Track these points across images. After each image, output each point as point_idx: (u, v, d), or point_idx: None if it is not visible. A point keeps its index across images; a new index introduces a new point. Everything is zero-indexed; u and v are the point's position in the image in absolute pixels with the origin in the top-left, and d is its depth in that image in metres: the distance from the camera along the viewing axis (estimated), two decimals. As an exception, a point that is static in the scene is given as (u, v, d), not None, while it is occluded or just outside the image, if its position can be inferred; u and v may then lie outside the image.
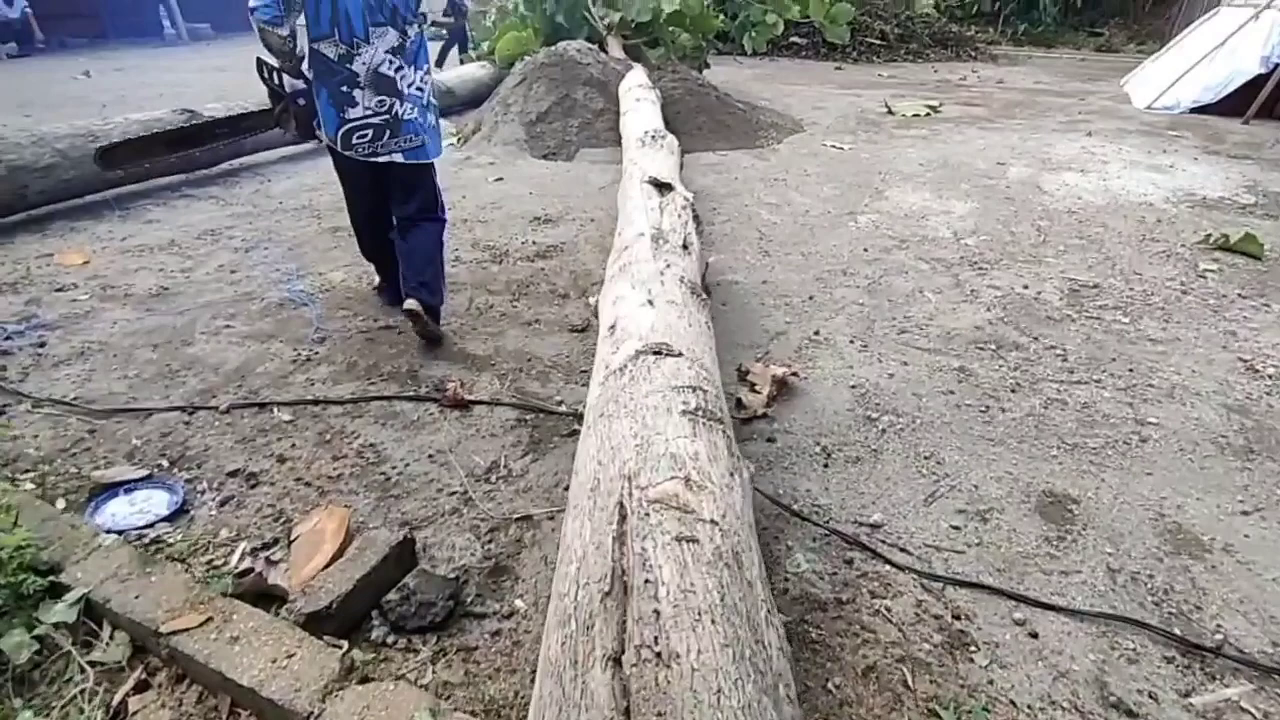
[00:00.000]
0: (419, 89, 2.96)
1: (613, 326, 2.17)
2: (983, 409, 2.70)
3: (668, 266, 2.53)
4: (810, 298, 3.60)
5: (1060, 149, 6.70)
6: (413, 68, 2.91)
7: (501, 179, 5.57)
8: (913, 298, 3.61)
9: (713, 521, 1.31)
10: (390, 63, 2.84)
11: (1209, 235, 4.37)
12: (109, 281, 3.71)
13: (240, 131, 4.76)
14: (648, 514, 1.30)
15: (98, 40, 14.57)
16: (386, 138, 2.91)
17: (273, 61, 2.90)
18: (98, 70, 11.15)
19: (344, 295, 3.59)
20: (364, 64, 2.80)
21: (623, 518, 1.32)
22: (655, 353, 1.89)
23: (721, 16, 12.38)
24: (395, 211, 3.13)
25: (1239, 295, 3.67)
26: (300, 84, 2.94)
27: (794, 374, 2.83)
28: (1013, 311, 3.46)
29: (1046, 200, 5.17)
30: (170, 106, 5.39)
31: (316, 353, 3.05)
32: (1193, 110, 8.49)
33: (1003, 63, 13.88)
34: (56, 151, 4.46)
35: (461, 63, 9.70)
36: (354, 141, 2.90)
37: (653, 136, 4.57)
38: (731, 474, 1.52)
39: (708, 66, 9.31)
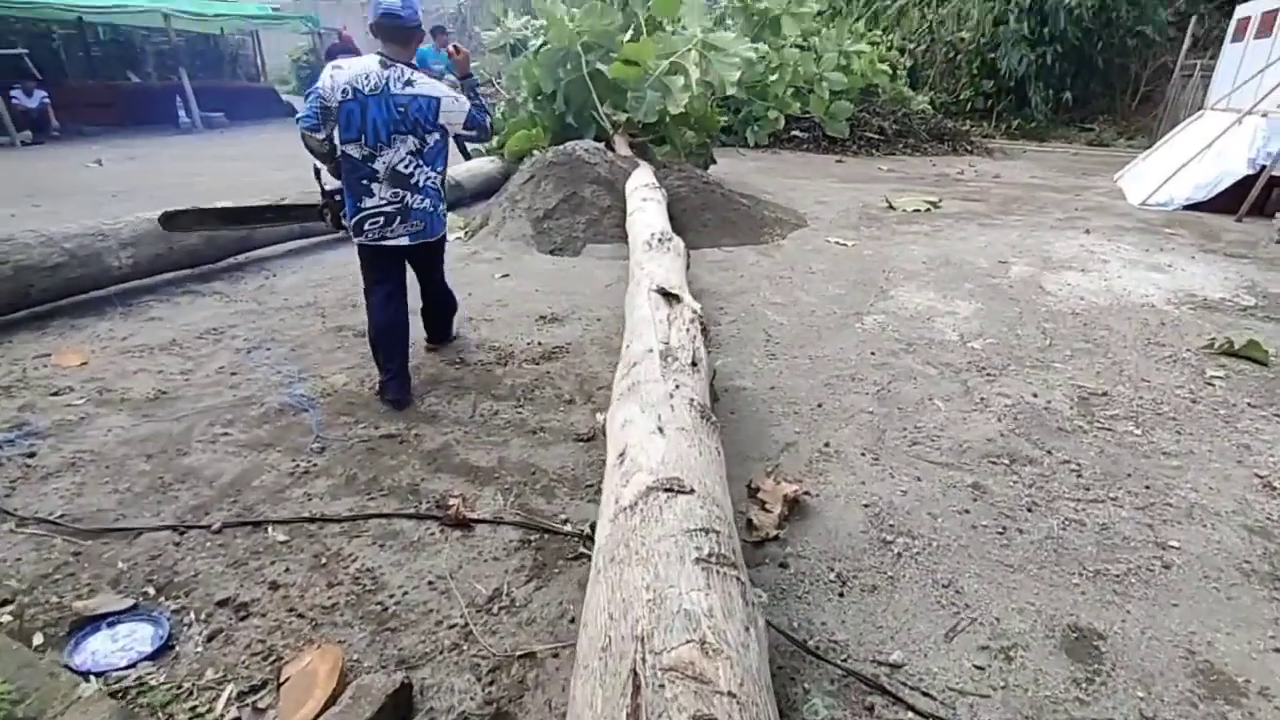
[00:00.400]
0: (432, 184, 3.45)
1: (622, 454, 2.13)
2: (999, 530, 2.63)
3: (677, 388, 2.51)
4: (819, 405, 3.57)
5: (1060, 247, 6.80)
6: (430, 166, 3.40)
7: (508, 275, 5.62)
8: (922, 406, 3.58)
9: (730, 694, 1.25)
10: (408, 163, 3.34)
11: (1213, 340, 4.38)
12: (106, 384, 3.65)
13: (289, 219, 4.86)
14: (663, 685, 1.24)
15: (114, 128, 14.93)
16: (396, 224, 3.39)
17: (319, 163, 3.44)
18: (110, 158, 11.34)
19: (346, 400, 3.53)
20: (384, 163, 3.29)
21: (637, 689, 1.25)
22: (667, 489, 1.85)
23: (725, 112, 12.86)
24: (421, 283, 3.82)
25: (1248, 405, 3.64)
26: (338, 183, 3.44)
27: (806, 492, 2.77)
28: (1024, 422, 3.42)
29: (1050, 301, 5.21)
30: (181, 194, 5.47)
31: (315, 464, 2.97)
32: (1186, 207, 8.69)
33: (998, 156, 14.29)
34: (65, 251, 4.48)
35: (467, 156, 10.02)
36: (365, 227, 3.37)
37: (659, 239, 4.63)
38: (747, 628, 1.46)
39: (713, 162, 9.54)
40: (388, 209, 3.33)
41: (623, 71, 7.89)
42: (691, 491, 1.85)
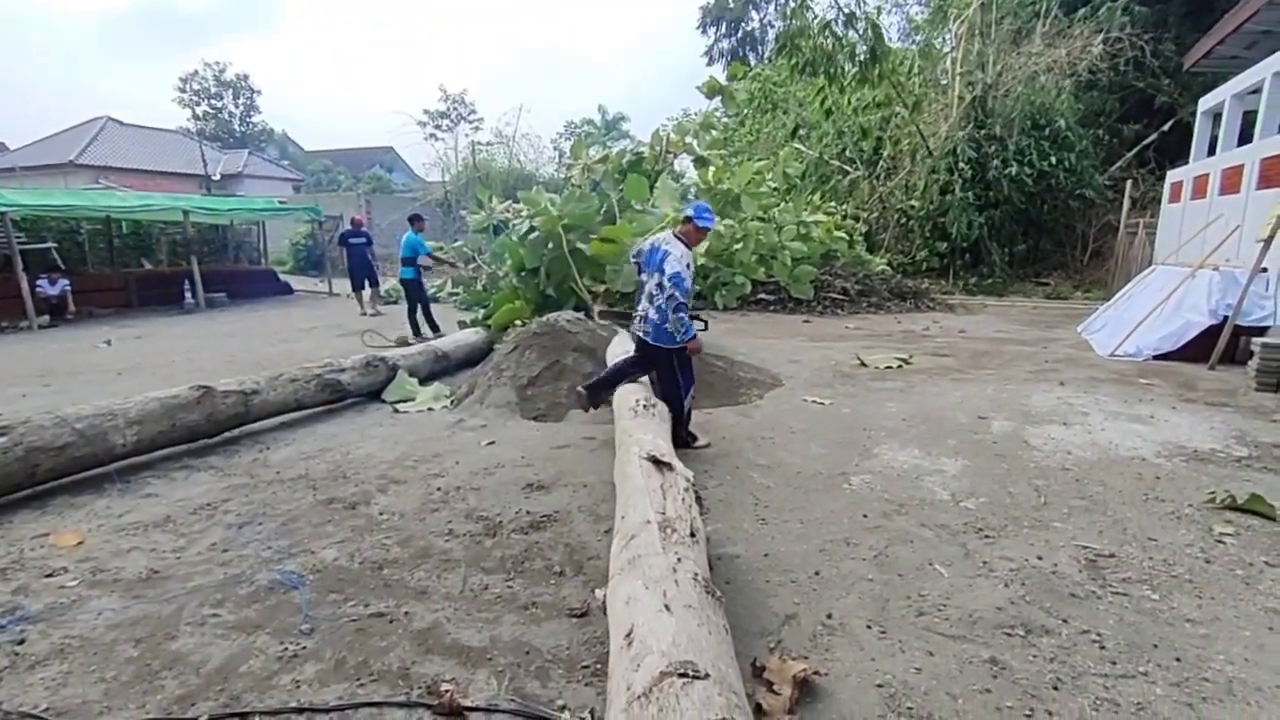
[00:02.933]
0: (659, 308, 5.13)
1: (629, 636, 2.00)
2: (1027, 713, 2.44)
3: (679, 561, 2.42)
4: (816, 573, 3.42)
5: (1037, 400, 6.92)
6: (660, 294, 5.11)
7: (494, 442, 5.63)
8: (924, 572, 3.44)
9: None
10: (654, 291, 5.19)
11: (1214, 494, 4.36)
12: (100, 564, 3.62)
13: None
14: None
15: (124, 309, 15.73)
16: (640, 321, 5.32)
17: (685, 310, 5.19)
18: (119, 338, 11.77)
19: (335, 576, 3.47)
20: (647, 288, 5.28)
21: None
22: (681, 675, 1.74)
23: (695, 276, 13.45)
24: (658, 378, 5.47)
25: (1266, 564, 3.56)
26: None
27: (815, 672, 2.58)
28: (1033, 588, 3.29)
29: (1037, 456, 5.21)
30: (182, 370, 5.61)
31: (304, 647, 2.86)
32: (1155, 357, 9.00)
33: (960, 312, 14.89)
34: (75, 431, 4.59)
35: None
36: (635, 323, 5.46)
37: (644, 405, 4.66)
38: None
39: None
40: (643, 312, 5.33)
41: (601, 249, 8.43)
42: (707, 676, 1.74)
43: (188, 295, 16.54)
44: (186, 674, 2.70)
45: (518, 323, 8.42)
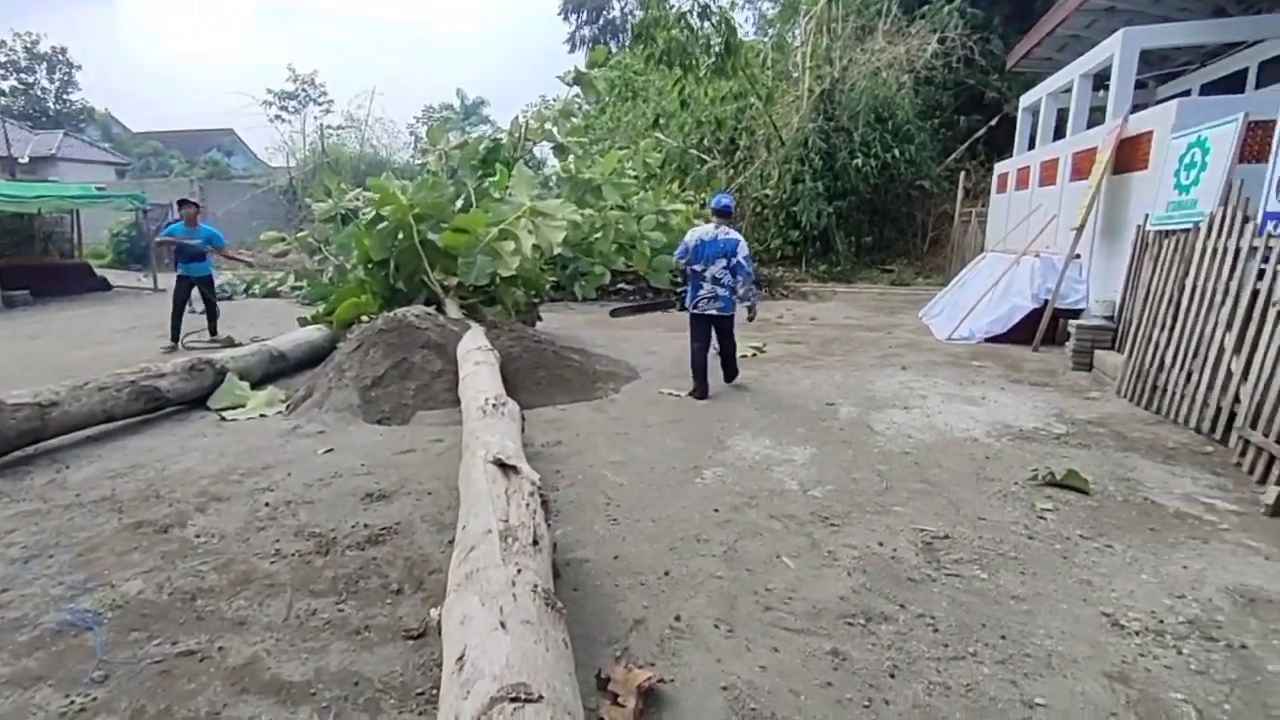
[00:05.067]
0: (728, 285, 6.75)
1: (461, 659, 1.89)
2: (865, 704, 2.50)
3: (519, 572, 2.31)
4: (666, 573, 3.40)
5: (881, 385, 7.27)
6: (729, 274, 6.73)
7: (332, 450, 5.26)
8: (771, 565, 3.50)
9: None
10: (720, 274, 6.73)
11: (1036, 471, 4.70)
12: None
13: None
14: None
15: None
16: (710, 301, 6.77)
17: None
18: None
19: (139, 612, 3.09)
20: (710, 274, 6.72)
21: None
22: (514, 699, 1.64)
23: (554, 269, 13.29)
24: (718, 341, 7.05)
25: (1081, 536, 3.86)
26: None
27: (660, 679, 2.54)
28: (874, 575, 3.41)
29: (880, 441, 5.45)
30: None
31: (94, 698, 2.54)
32: (987, 340, 9.69)
33: (812, 299, 15.51)
34: None
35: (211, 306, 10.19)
36: (700, 305, 6.83)
37: (493, 405, 4.48)
38: None
39: (540, 319, 9.72)
40: (707, 294, 6.78)
41: (454, 239, 8.12)
42: (540, 699, 1.66)
43: None
44: (-59, 749, 2.33)
45: (364, 318, 7.97)
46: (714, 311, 6.78)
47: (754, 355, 8.83)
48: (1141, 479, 4.74)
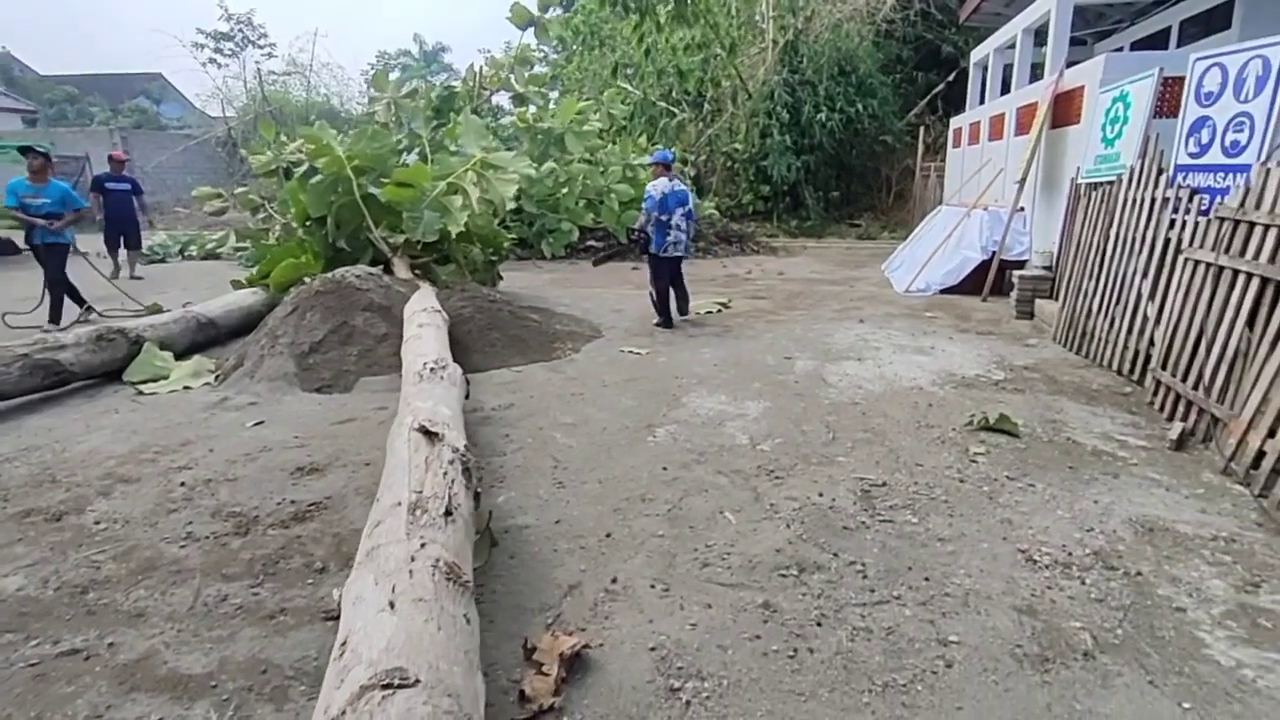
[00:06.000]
0: (686, 230, 7.69)
1: (344, 643, 1.82)
2: (791, 654, 2.51)
3: (422, 546, 2.25)
4: (608, 535, 3.39)
5: (838, 338, 7.26)
6: (685, 220, 7.65)
7: (262, 422, 4.96)
8: (713, 521, 3.50)
9: None
10: (680, 221, 7.61)
11: (973, 417, 4.72)
12: None
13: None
14: None
15: None
16: (675, 245, 7.64)
17: (637, 226, 7.76)
18: None
19: (17, 610, 2.80)
20: (674, 221, 7.53)
21: None
22: (385, 685, 1.57)
23: (520, 226, 13.02)
24: (673, 280, 7.93)
25: (1007, 478, 3.89)
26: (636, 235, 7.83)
27: (586, 645, 2.53)
28: (811, 525, 3.42)
29: (832, 393, 5.45)
30: None
31: None
32: (941, 291, 9.69)
33: (781, 254, 15.43)
34: None
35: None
36: (668, 249, 7.62)
37: (432, 369, 4.38)
38: None
39: (500, 278, 9.51)
40: (674, 239, 7.61)
41: (396, 194, 7.74)
42: (416, 683, 1.58)
43: None
44: None
45: (306, 280, 7.35)
46: (679, 254, 7.72)
47: (719, 311, 8.78)
48: (1066, 420, 4.80)
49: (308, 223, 8.23)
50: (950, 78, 19.49)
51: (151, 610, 2.81)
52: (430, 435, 3.07)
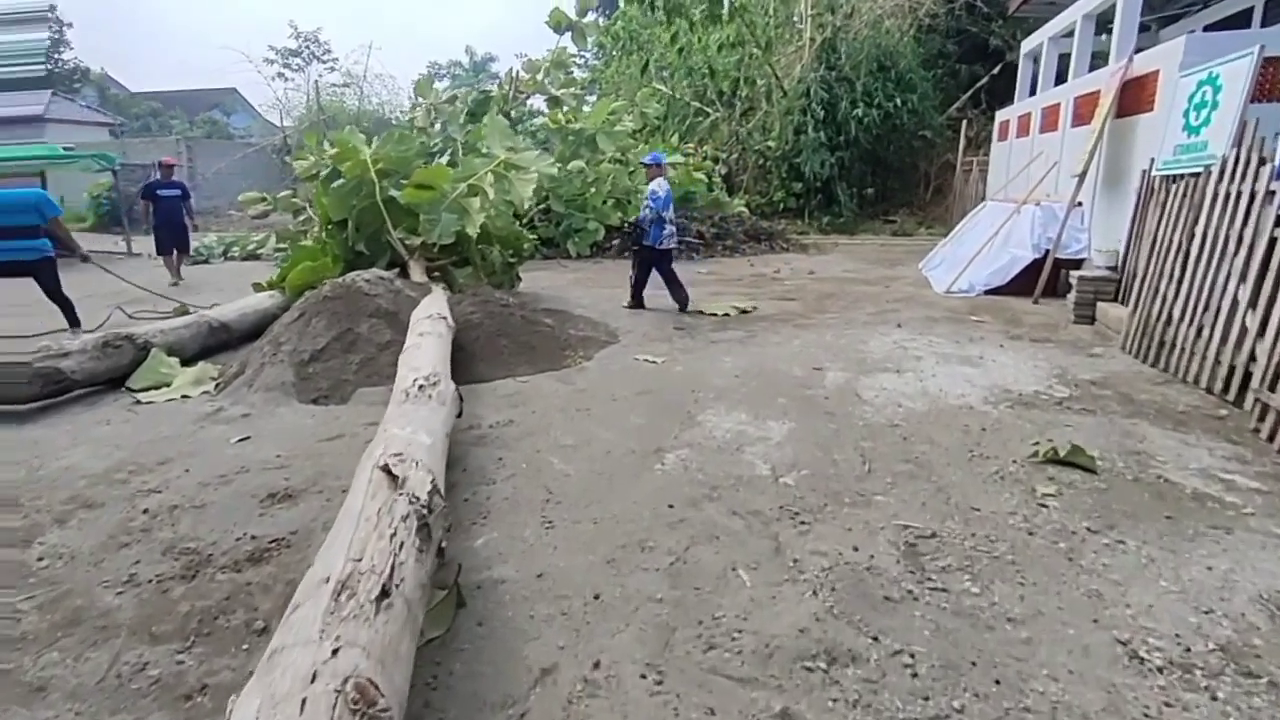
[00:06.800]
0: (675, 224, 8.42)
1: None
2: (818, 796, 1.81)
3: (334, 654, 1.61)
4: (596, 597, 2.70)
5: (874, 345, 6.47)
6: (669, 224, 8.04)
7: (248, 437, 4.44)
8: (724, 583, 2.79)
9: None
10: (673, 217, 8.18)
11: (1036, 446, 3.95)
12: None
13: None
14: None
15: None
16: (670, 238, 8.08)
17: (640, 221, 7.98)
18: None
19: None
20: (668, 217, 7.93)
21: None
22: None
23: (547, 225, 12.47)
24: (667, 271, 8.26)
25: (1088, 530, 3.12)
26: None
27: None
28: (844, 594, 2.69)
29: (867, 412, 4.70)
30: None
31: None
32: (986, 292, 8.82)
33: (813, 252, 14.58)
34: None
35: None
36: (665, 242, 7.98)
37: (421, 386, 3.77)
38: None
39: (519, 280, 8.92)
40: (669, 231, 7.99)
41: (416, 195, 7.34)
42: None
43: None
44: None
45: (322, 282, 6.92)
46: (673, 245, 8.16)
47: (743, 314, 8.03)
48: (1152, 451, 3.98)
49: (329, 225, 7.90)
50: (995, 70, 18.39)
51: (56, 683, 2.29)
52: (392, 478, 2.43)
